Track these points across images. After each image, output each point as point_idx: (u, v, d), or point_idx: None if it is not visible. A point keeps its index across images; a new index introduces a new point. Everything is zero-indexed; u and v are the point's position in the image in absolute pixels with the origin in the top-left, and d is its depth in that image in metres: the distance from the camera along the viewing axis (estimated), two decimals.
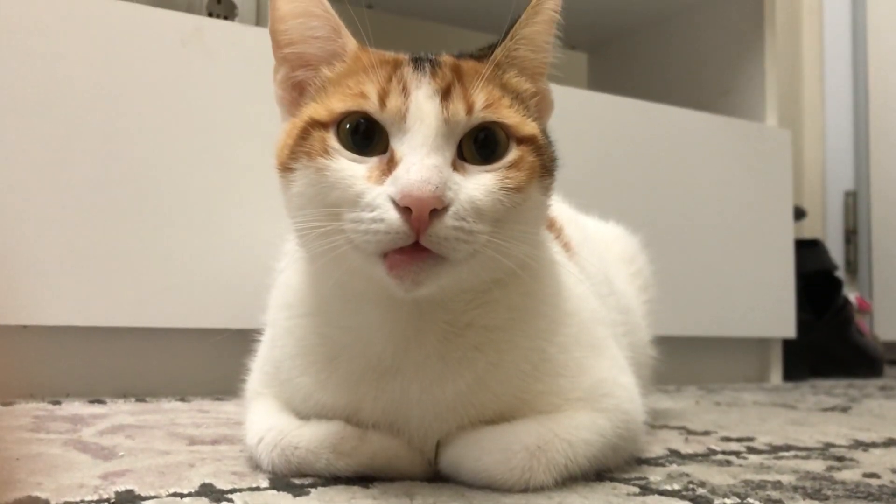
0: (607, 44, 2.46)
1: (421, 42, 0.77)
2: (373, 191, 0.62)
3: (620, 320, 0.96)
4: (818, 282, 2.35)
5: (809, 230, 3.02)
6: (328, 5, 0.72)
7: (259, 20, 1.73)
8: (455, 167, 0.65)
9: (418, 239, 0.61)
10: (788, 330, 2.05)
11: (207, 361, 1.35)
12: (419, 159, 0.62)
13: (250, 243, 1.33)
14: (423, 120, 0.64)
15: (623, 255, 1.20)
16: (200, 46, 1.36)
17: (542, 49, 0.73)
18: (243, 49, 1.39)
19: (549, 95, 0.76)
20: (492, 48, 0.73)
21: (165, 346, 1.35)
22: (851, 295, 2.54)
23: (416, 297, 0.66)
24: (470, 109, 0.66)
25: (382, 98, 0.65)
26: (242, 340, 0.88)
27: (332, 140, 0.66)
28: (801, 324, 2.09)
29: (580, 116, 1.74)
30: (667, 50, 2.26)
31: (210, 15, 1.67)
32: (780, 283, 2.04)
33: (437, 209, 0.60)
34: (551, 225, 0.88)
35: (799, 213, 2.24)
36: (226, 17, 1.69)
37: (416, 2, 2.15)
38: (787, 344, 2.09)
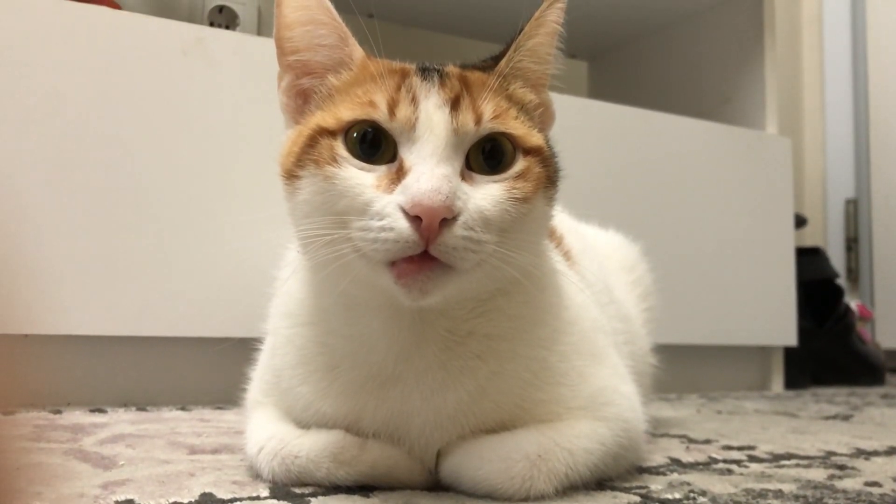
0: (607, 52, 2.46)
1: (422, 52, 0.77)
2: (382, 199, 0.62)
3: (621, 329, 0.96)
4: (819, 290, 2.35)
5: (810, 238, 3.02)
6: (335, 13, 0.72)
7: (260, 30, 1.73)
8: (463, 177, 0.65)
9: (427, 248, 0.61)
10: (790, 338, 2.05)
11: (208, 370, 1.35)
12: (429, 169, 0.62)
13: (251, 252, 1.33)
14: (432, 130, 0.64)
15: (623, 263, 1.20)
16: (202, 56, 1.37)
17: (545, 61, 0.74)
18: (245, 58, 1.40)
19: (551, 106, 0.77)
20: (495, 59, 0.73)
21: (166, 355, 1.35)
22: (853, 303, 2.53)
23: (422, 306, 0.66)
24: (478, 120, 0.66)
25: (392, 107, 0.66)
26: (243, 349, 0.88)
27: (340, 148, 0.66)
28: (803, 332, 2.09)
29: (580, 125, 1.75)
30: (667, 58, 2.27)
31: (211, 24, 1.68)
32: (781, 291, 2.04)
33: (446, 218, 0.60)
34: (551, 234, 0.88)
35: (800, 221, 2.24)
36: (227, 27, 1.69)
37: (417, 12, 2.16)
38: (789, 352, 2.09)
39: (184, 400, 1.34)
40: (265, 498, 0.67)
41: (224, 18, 1.71)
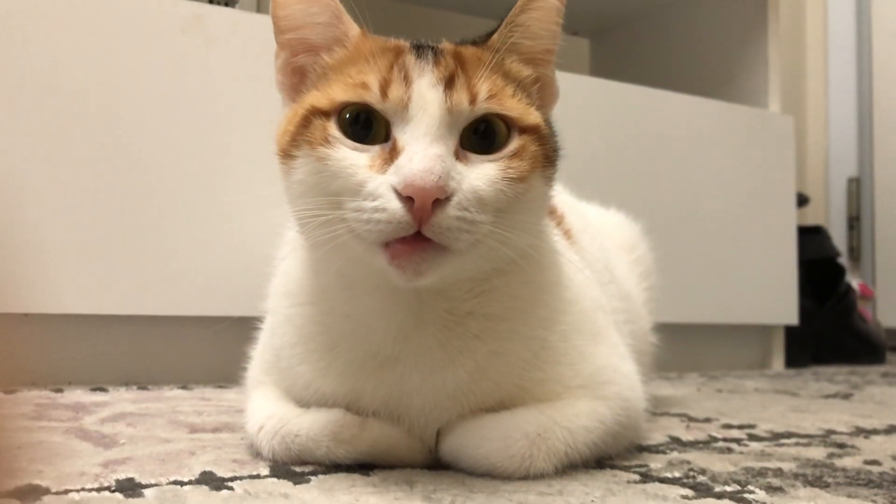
0: (610, 30, 2.44)
1: (422, 28, 0.77)
2: (375, 180, 0.62)
3: (621, 308, 0.96)
4: (821, 269, 2.35)
5: (812, 217, 3.01)
6: None
7: (260, 7, 1.72)
8: (457, 157, 0.64)
9: (420, 229, 0.60)
10: (791, 317, 2.05)
11: (209, 349, 1.35)
12: (422, 149, 0.62)
13: (251, 231, 1.32)
14: (425, 109, 0.64)
15: (624, 242, 1.19)
16: (201, 33, 1.36)
17: (539, 36, 0.72)
18: (244, 36, 1.39)
19: (555, 84, 0.75)
20: (490, 36, 0.72)
21: (167, 334, 1.35)
22: (854, 282, 2.53)
23: (417, 287, 0.66)
24: (473, 100, 0.65)
25: (384, 88, 0.65)
26: (244, 328, 0.88)
27: (333, 129, 0.66)
28: (804, 311, 2.09)
29: (582, 103, 1.74)
30: (669, 36, 2.25)
31: (211, 2, 1.66)
32: (782, 270, 2.04)
33: (439, 199, 0.60)
34: (552, 212, 0.88)
35: (802, 200, 2.23)
36: (226, 4, 1.68)
37: None
38: (790, 331, 2.09)
39: (185, 379, 1.35)
40: (265, 476, 0.67)
41: None
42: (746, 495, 0.65)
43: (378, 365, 0.71)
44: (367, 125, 0.65)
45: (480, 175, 0.64)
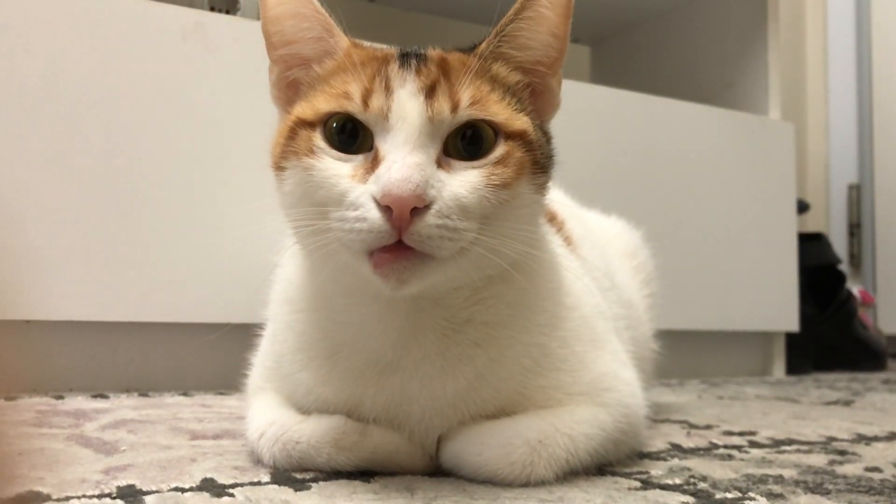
0: (610, 37, 2.45)
1: (424, 37, 0.76)
2: (356, 189, 0.62)
3: (622, 314, 0.96)
4: (821, 275, 2.35)
5: (813, 224, 3.01)
6: (318, 4, 0.71)
7: (261, 15, 1.72)
8: (440, 164, 0.64)
9: (401, 237, 0.60)
10: (791, 324, 2.05)
11: (210, 356, 1.35)
12: (401, 157, 0.62)
13: (252, 238, 1.32)
14: (405, 118, 0.64)
15: (625, 249, 1.19)
16: (202, 41, 1.36)
17: (528, 47, 0.71)
18: (245, 44, 1.39)
19: (555, 95, 0.75)
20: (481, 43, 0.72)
21: (168, 341, 1.35)
22: (855, 289, 2.53)
23: (404, 296, 0.66)
24: (455, 107, 0.65)
25: (365, 98, 0.65)
26: (244, 335, 0.88)
27: (317, 139, 0.66)
28: (805, 317, 2.09)
29: (582, 110, 1.74)
30: (669, 43, 2.26)
31: (212, 9, 1.67)
32: (783, 277, 2.04)
33: (418, 207, 0.60)
34: (553, 219, 0.88)
35: (802, 207, 2.23)
36: (227, 12, 1.68)
37: None
38: (791, 338, 2.09)
39: (185, 385, 1.35)
40: (266, 483, 0.67)
41: (224, 3, 1.70)
42: (747, 502, 0.65)
43: (378, 372, 0.71)
44: (353, 135, 0.66)
45: (463, 182, 0.64)
